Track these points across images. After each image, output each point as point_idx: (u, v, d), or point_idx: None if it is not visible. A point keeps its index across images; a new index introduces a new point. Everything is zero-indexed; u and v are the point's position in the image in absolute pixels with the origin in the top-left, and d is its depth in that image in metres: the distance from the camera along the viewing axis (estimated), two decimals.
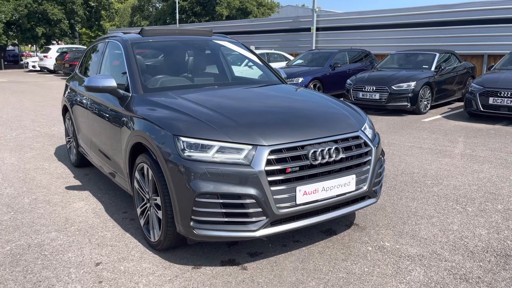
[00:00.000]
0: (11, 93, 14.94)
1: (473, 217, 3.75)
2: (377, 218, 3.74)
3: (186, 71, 4.34)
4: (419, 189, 4.50)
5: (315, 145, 2.87)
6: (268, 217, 2.72)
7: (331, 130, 3.04)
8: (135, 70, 3.76)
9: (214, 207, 2.68)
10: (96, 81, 3.62)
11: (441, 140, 6.89)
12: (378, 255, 3.08)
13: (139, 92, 3.59)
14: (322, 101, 3.69)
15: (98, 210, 3.98)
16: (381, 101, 9.48)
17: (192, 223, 2.73)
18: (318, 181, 2.84)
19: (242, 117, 3.02)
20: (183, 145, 2.76)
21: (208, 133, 2.79)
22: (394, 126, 8.21)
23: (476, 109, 8.49)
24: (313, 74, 11.58)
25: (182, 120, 2.96)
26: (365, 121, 3.39)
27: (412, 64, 10.67)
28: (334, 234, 3.42)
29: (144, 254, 3.11)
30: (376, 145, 3.26)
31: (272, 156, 2.72)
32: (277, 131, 2.88)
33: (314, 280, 2.75)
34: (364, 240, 3.32)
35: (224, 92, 3.82)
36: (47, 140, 7.13)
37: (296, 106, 3.52)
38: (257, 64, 4.70)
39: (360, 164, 3.09)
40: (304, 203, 2.80)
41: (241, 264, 2.97)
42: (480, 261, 2.99)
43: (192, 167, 2.68)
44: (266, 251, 3.14)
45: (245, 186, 2.66)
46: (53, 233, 3.49)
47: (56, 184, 4.79)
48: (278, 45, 20.33)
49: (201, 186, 2.65)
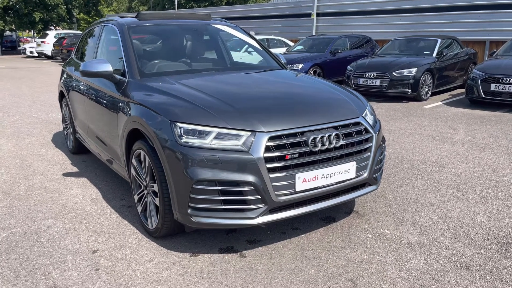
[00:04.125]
0: (9, 79, 14.81)
1: (474, 205, 3.72)
2: (377, 205, 3.71)
3: (183, 56, 4.25)
4: (419, 176, 4.45)
5: (315, 131, 2.82)
6: (267, 204, 2.68)
7: (332, 116, 2.98)
8: (131, 55, 3.68)
9: (212, 194, 2.63)
10: (92, 66, 3.55)
11: (442, 127, 6.83)
12: (378, 243, 3.05)
13: (136, 77, 3.52)
14: (323, 86, 3.62)
15: (95, 197, 3.94)
16: (381, 87, 9.39)
17: (189, 211, 2.69)
18: (318, 168, 2.79)
19: (240, 103, 2.96)
20: (180, 131, 2.71)
21: (205, 119, 2.73)
22: (395, 112, 8.14)
23: (477, 95, 8.41)
24: (313, 60, 11.46)
25: (179, 106, 2.90)
26: (366, 107, 3.33)
27: (414, 50, 10.54)
28: (333, 222, 3.39)
29: (141, 242, 3.07)
30: (377, 132, 3.21)
31: (271, 142, 2.66)
32: (276, 117, 2.82)
33: (313, 268, 2.73)
34: (364, 228, 3.28)
35: (222, 77, 3.75)
36: (45, 127, 7.07)
37: (296, 91, 3.45)
38: (256, 49, 4.61)
39: (361, 151, 3.04)
40: (303, 190, 2.76)
41: (240, 251, 2.93)
42: (481, 249, 2.96)
43: (190, 153, 2.63)
44: (265, 239, 3.11)
45: (243, 173, 2.61)
46: (50, 220, 3.45)
47: (53, 170, 4.74)
48: (278, 30, 20.09)
49: (198, 173, 2.60)
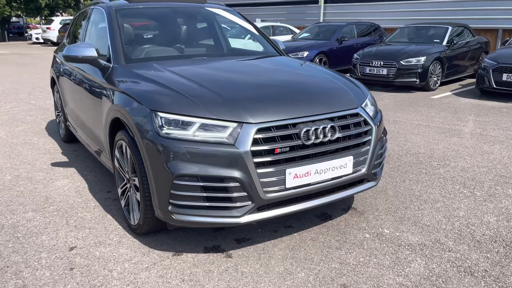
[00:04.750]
0: (12, 65, 14.68)
1: (481, 202, 3.48)
2: (377, 202, 3.48)
3: (175, 40, 4.02)
4: (424, 171, 4.21)
5: (308, 123, 2.59)
6: (254, 202, 2.47)
7: (327, 107, 2.75)
8: (117, 39, 3.45)
9: (194, 191, 2.42)
10: (75, 50, 3.34)
11: (450, 118, 6.54)
12: (376, 244, 2.83)
13: (121, 62, 3.30)
14: (320, 74, 3.38)
15: (81, 189, 3.76)
16: (388, 76, 9.07)
17: (170, 208, 2.49)
18: (311, 163, 2.57)
19: (229, 92, 2.73)
20: (161, 121, 2.49)
21: (188, 108, 2.51)
22: (402, 103, 7.85)
23: (488, 86, 8.08)
24: (319, 48, 11.14)
25: (161, 94, 2.68)
26: (367, 97, 3.08)
27: (423, 38, 10.18)
28: (329, 219, 3.18)
29: (123, 238, 2.89)
30: (377, 124, 2.97)
31: (259, 135, 2.44)
32: (266, 107, 2.59)
33: (304, 271, 2.52)
34: (362, 227, 3.07)
35: (214, 64, 3.52)
36: (40, 114, 6.90)
37: (290, 79, 3.20)
38: (253, 34, 4.36)
39: (359, 144, 2.81)
40: (294, 186, 2.54)
41: (226, 251, 2.74)
42: (487, 252, 2.74)
43: (171, 146, 2.42)
44: (254, 237, 2.91)
45: (228, 168, 2.39)
46: (30, 213, 3.28)
47: (42, 160, 4.57)
48: (284, 17, 19.66)
49: (179, 168, 2.39)
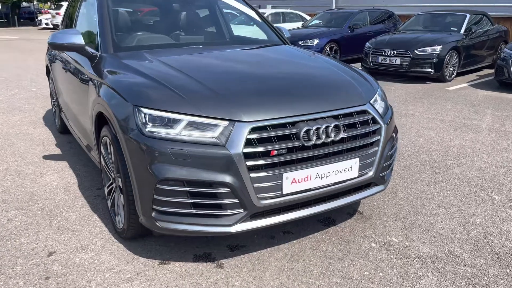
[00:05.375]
0: (18, 51, 14.54)
1: (501, 208, 3.18)
2: (386, 205, 3.21)
3: (172, 27, 3.74)
4: (437, 170, 3.91)
5: (309, 121, 2.32)
6: (247, 209, 2.22)
7: (331, 103, 2.47)
8: (106, 25, 3.19)
9: (179, 196, 2.18)
10: (61, 37, 3.09)
11: (467, 112, 6.18)
12: (383, 254, 2.57)
13: (109, 51, 3.05)
14: (323, 65, 3.08)
15: (70, 185, 3.55)
16: (402, 66, 8.68)
17: (154, 214, 2.25)
18: (311, 166, 2.30)
19: (221, 85, 2.46)
20: (144, 118, 2.24)
21: (175, 104, 2.26)
22: (415, 94, 7.49)
23: (507, 77, 7.66)
24: (329, 36, 10.75)
25: (146, 87, 2.42)
26: (376, 91, 2.79)
27: (439, 26, 9.71)
28: (332, 225, 2.92)
29: (107, 243, 2.67)
30: (387, 122, 2.68)
31: (253, 135, 2.18)
32: (261, 103, 2.32)
33: (301, 286, 2.28)
34: (368, 234, 2.80)
35: (211, 54, 3.24)
36: (40, 102, 6.72)
37: (291, 71, 2.90)
38: (255, 21, 4.06)
39: (366, 145, 2.53)
40: (292, 192, 2.29)
41: (218, 260, 2.50)
42: (507, 267, 2.46)
43: (154, 146, 2.17)
44: (249, 244, 2.66)
45: (218, 172, 2.14)
46: (13, 211, 3.08)
47: (34, 152, 4.37)
48: (295, 4, 19.13)
49: (163, 171, 2.15)
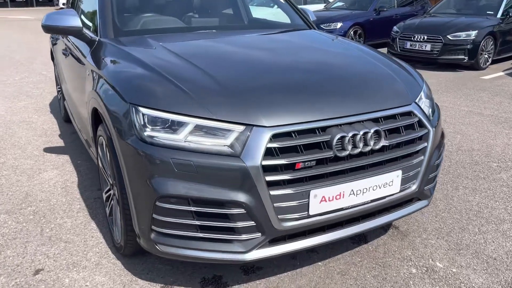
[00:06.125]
0: (32, 32, 14.31)
1: None
2: (425, 218, 2.77)
3: (183, 9, 3.32)
4: (481, 175, 3.44)
5: (343, 126, 1.88)
6: (265, 233, 1.82)
7: (370, 103, 2.03)
8: (106, 4, 2.79)
9: (183, 217, 1.79)
10: (56, 19, 2.69)
11: (507, 105, 5.61)
12: (426, 285, 2.15)
13: (109, 35, 2.65)
14: (359, 54, 2.61)
15: (69, 184, 3.21)
16: (432, 53, 8.07)
17: (153, 236, 1.87)
18: (345, 182, 1.88)
19: (237, 80, 2.04)
20: (143, 119, 1.84)
21: (179, 102, 1.85)
22: (447, 84, 6.91)
23: None
24: (354, 19, 10.14)
25: (147, 81, 2.02)
26: (422, 88, 2.33)
27: (474, 9, 9.01)
28: (364, 242, 2.50)
29: (102, 259, 2.32)
30: (435, 125, 2.23)
31: (275, 143, 1.76)
32: (285, 102, 1.89)
33: None
34: (406, 255, 2.38)
35: (225, 40, 2.82)
36: (49, 87, 6.41)
37: (320, 63, 2.44)
38: (277, 2, 3.60)
39: (411, 154, 2.09)
40: (320, 213, 1.87)
41: (229, 285, 2.13)
42: None
43: (154, 155, 1.77)
44: (267, 267, 2.28)
45: (230, 189, 1.74)
46: (2, 216, 2.75)
47: (35, 143, 4.05)
48: None
49: (164, 186, 1.75)
